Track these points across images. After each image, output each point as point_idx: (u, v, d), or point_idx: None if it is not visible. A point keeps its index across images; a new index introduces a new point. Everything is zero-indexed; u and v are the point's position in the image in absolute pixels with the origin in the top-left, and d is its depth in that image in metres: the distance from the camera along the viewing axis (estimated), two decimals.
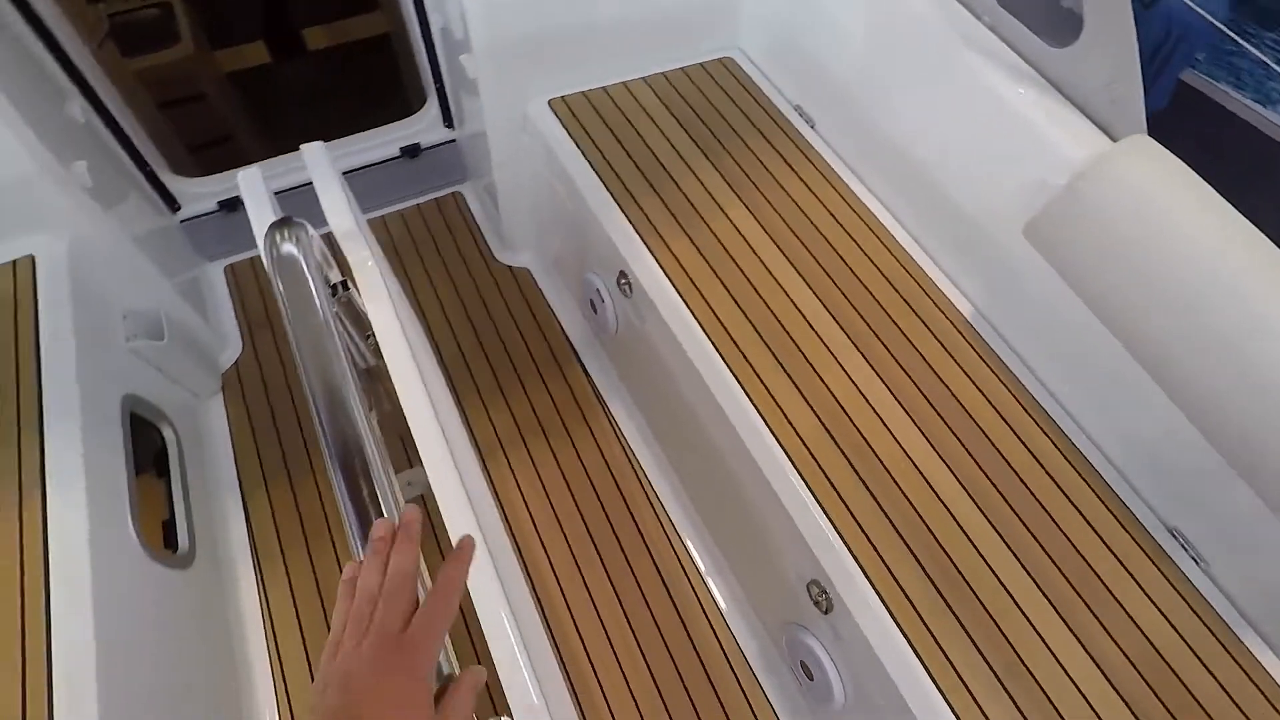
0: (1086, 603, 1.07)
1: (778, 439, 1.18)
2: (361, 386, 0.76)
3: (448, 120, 1.98)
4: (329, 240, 1.00)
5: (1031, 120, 1.20)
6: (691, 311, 1.31)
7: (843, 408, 1.22)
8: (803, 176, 1.52)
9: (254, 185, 1.02)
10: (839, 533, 1.10)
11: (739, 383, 1.24)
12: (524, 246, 1.99)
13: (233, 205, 1.91)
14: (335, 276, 0.93)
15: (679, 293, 1.33)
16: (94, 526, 1.12)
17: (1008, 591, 1.08)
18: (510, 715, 0.77)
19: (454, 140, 2.02)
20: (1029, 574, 1.09)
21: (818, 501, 1.13)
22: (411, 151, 1.97)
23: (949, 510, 1.13)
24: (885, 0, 1.42)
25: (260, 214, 1.01)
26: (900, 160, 1.43)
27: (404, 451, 1.06)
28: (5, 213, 1.34)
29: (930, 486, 1.15)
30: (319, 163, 1.08)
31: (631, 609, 1.52)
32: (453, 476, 0.90)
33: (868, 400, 1.23)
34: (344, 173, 1.21)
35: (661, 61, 1.70)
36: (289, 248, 0.78)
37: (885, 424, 1.21)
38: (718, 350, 1.27)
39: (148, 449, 1.52)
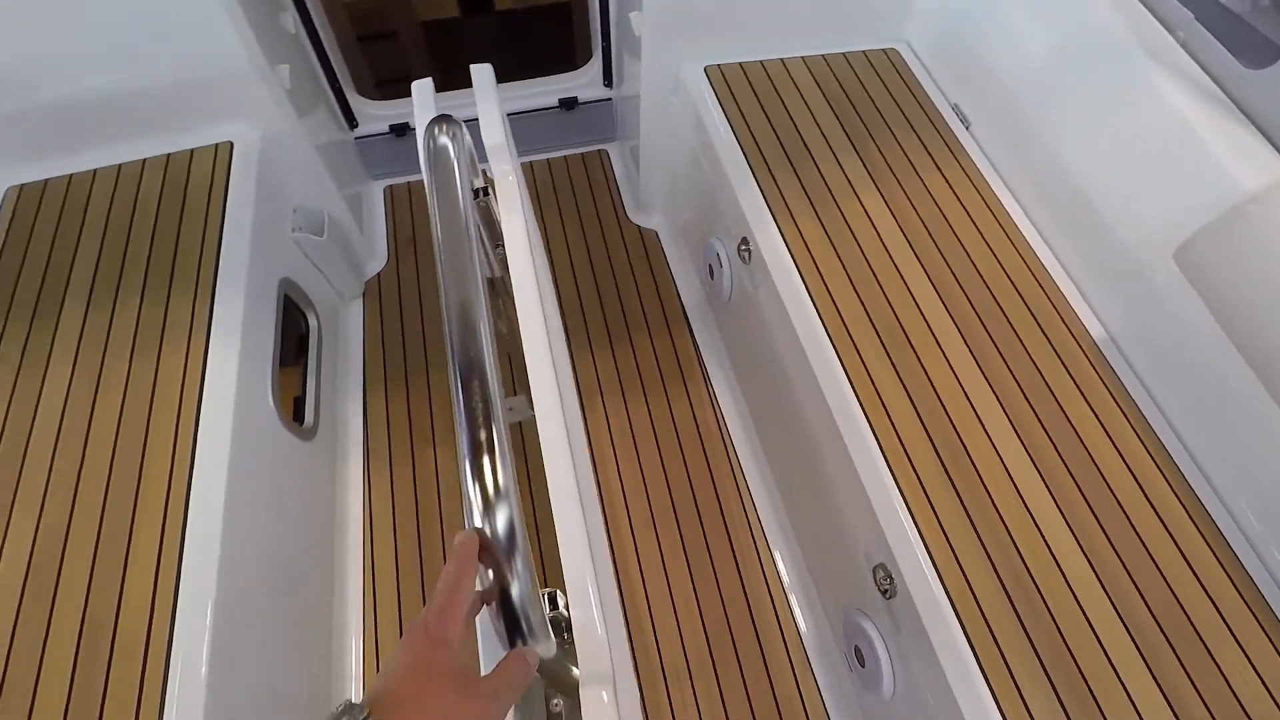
0: (1179, 656, 1.00)
1: (870, 422, 1.18)
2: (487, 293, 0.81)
3: (608, 79, 2.06)
4: (479, 149, 1.08)
5: (1209, 141, 1.13)
6: (805, 285, 1.32)
7: (943, 405, 1.20)
8: (946, 174, 1.49)
9: (424, 92, 1.12)
10: (915, 522, 1.09)
11: (840, 361, 1.24)
12: (656, 210, 2.05)
13: (401, 130, 2.07)
14: (479, 182, 1.00)
15: (797, 265, 1.35)
16: (241, 380, 1.27)
17: (1090, 625, 1.02)
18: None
19: (610, 99, 2.10)
20: (1118, 613, 1.03)
21: (899, 488, 1.12)
22: (569, 104, 2.07)
23: (1039, 528, 1.09)
24: (1071, 8, 1.37)
25: (424, 115, 1.11)
26: (1053, 168, 1.37)
27: (510, 375, 1.12)
28: (217, 100, 1.52)
29: (1023, 500, 1.11)
30: (484, 82, 1.17)
31: (697, 569, 1.56)
32: (558, 412, 0.95)
33: (971, 403, 1.20)
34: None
35: (824, 44, 1.70)
36: (444, 141, 0.86)
37: (986, 430, 1.18)
38: (825, 326, 1.28)
39: (292, 333, 1.69)
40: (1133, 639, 1.01)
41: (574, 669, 0.79)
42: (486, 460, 0.66)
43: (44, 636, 1.04)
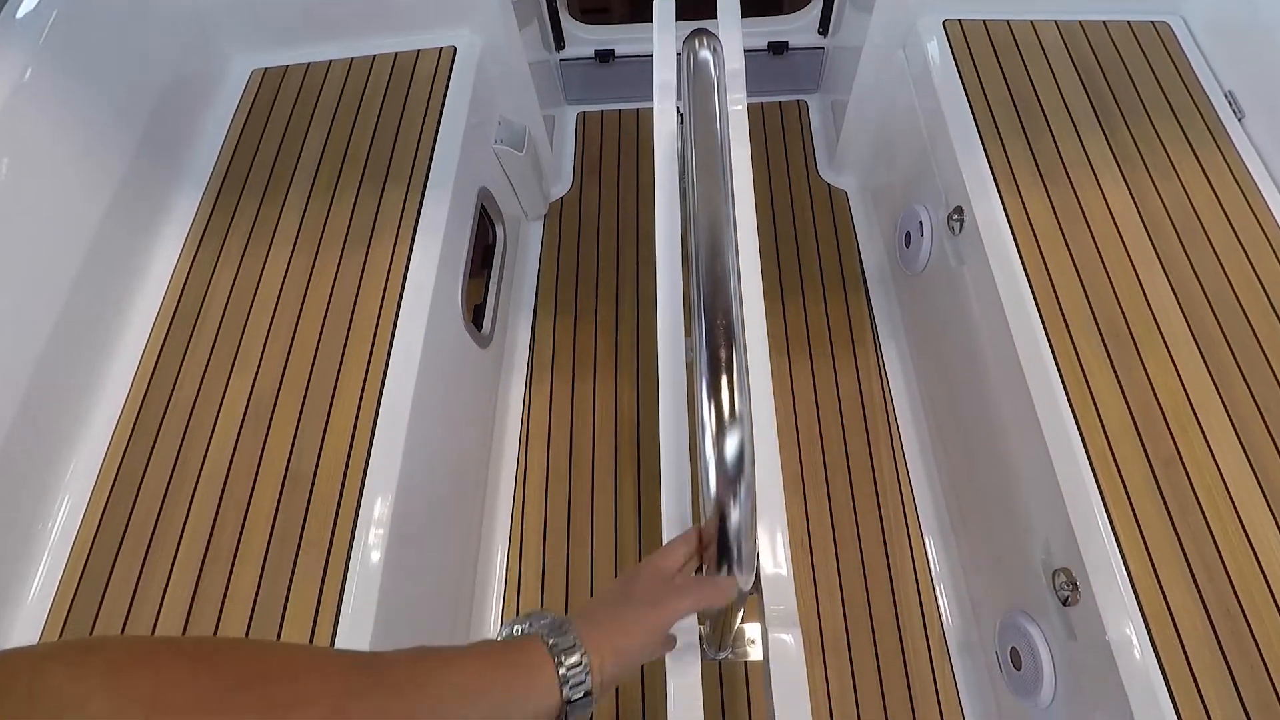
0: None
1: (1076, 418, 1.09)
2: None
3: (823, 26, 1.97)
4: None
5: None
6: (1023, 263, 1.23)
7: (1163, 413, 1.09)
8: (1206, 167, 1.32)
9: (666, 12, 1.10)
10: (1115, 530, 1.00)
11: (1052, 349, 1.15)
12: (850, 170, 1.96)
13: (605, 58, 2.08)
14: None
15: (1016, 242, 1.25)
16: (439, 278, 1.33)
17: None
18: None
19: (822, 48, 2.01)
20: None
21: (1100, 492, 1.03)
22: (778, 48, 2.00)
23: (1258, 560, 0.98)
24: None
25: (665, 34, 1.09)
26: None
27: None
28: (448, 4, 1.58)
29: (1242, 526, 1.00)
30: (728, 8, 1.14)
31: (843, 540, 1.52)
32: (763, 349, 0.93)
33: (1196, 416, 1.09)
34: None
35: (1083, 8, 1.55)
36: (705, 54, 0.84)
37: (1210, 446, 1.06)
38: (1039, 309, 1.18)
39: (479, 243, 1.76)
40: None
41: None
42: (725, 380, 0.65)
43: (252, 482, 1.14)
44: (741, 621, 0.87)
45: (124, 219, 1.34)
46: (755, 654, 0.84)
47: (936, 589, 1.45)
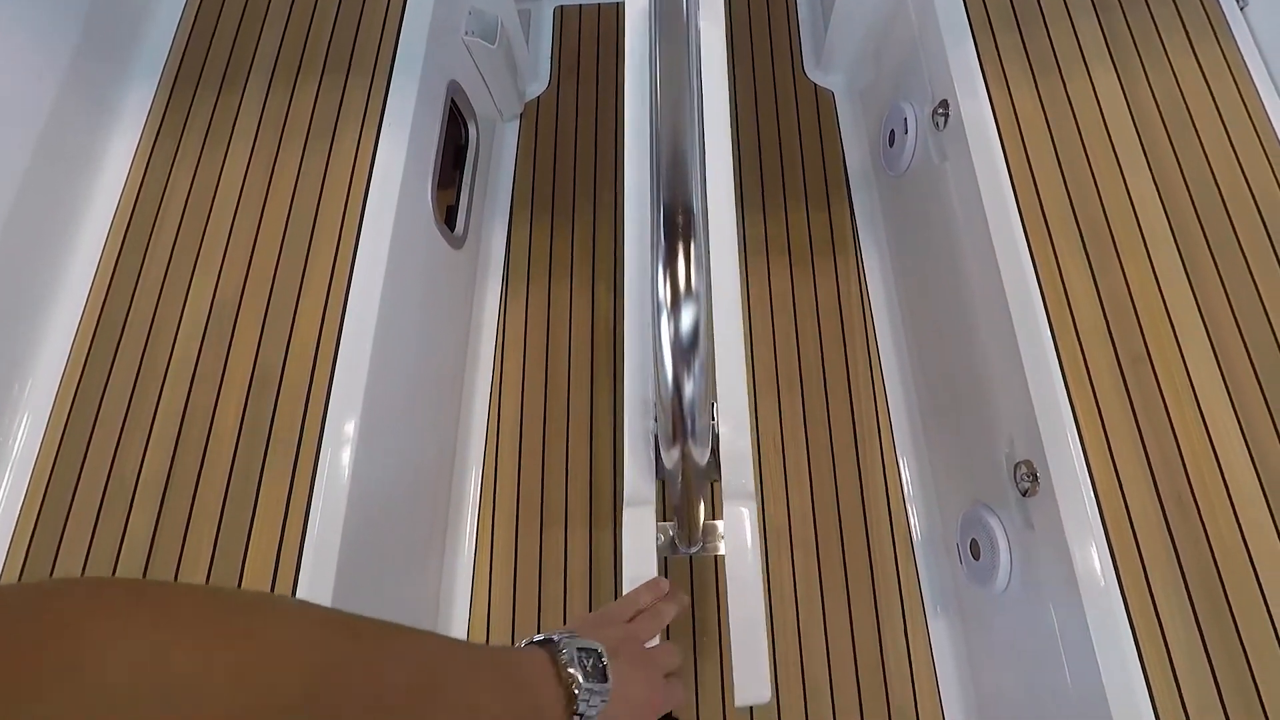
0: None
1: (1049, 314, 1.08)
2: None
3: None
4: None
5: None
6: (1006, 158, 1.19)
7: (1136, 312, 1.08)
8: (1201, 58, 1.27)
9: None
10: (1078, 422, 1.01)
11: (1029, 245, 1.13)
12: (838, 69, 1.88)
13: None
14: None
15: (1000, 136, 1.21)
16: (407, 172, 1.29)
17: (1262, 592, 0.93)
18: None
19: None
20: None
21: (1067, 386, 1.03)
22: None
23: (1218, 460, 0.99)
24: None
25: None
26: None
27: None
28: None
29: (1204, 423, 1.01)
30: None
31: (814, 441, 1.53)
32: (733, 267, 0.90)
33: (1170, 317, 1.08)
34: None
35: None
36: None
37: (1180, 347, 1.06)
38: (1019, 204, 1.16)
39: (450, 145, 1.69)
40: None
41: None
42: (681, 253, 0.63)
43: (219, 383, 1.13)
44: (714, 518, 0.88)
45: (72, 116, 1.28)
46: (725, 549, 0.86)
47: (905, 490, 1.48)
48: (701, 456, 0.69)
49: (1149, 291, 1.10)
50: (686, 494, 0.83)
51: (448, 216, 1.66)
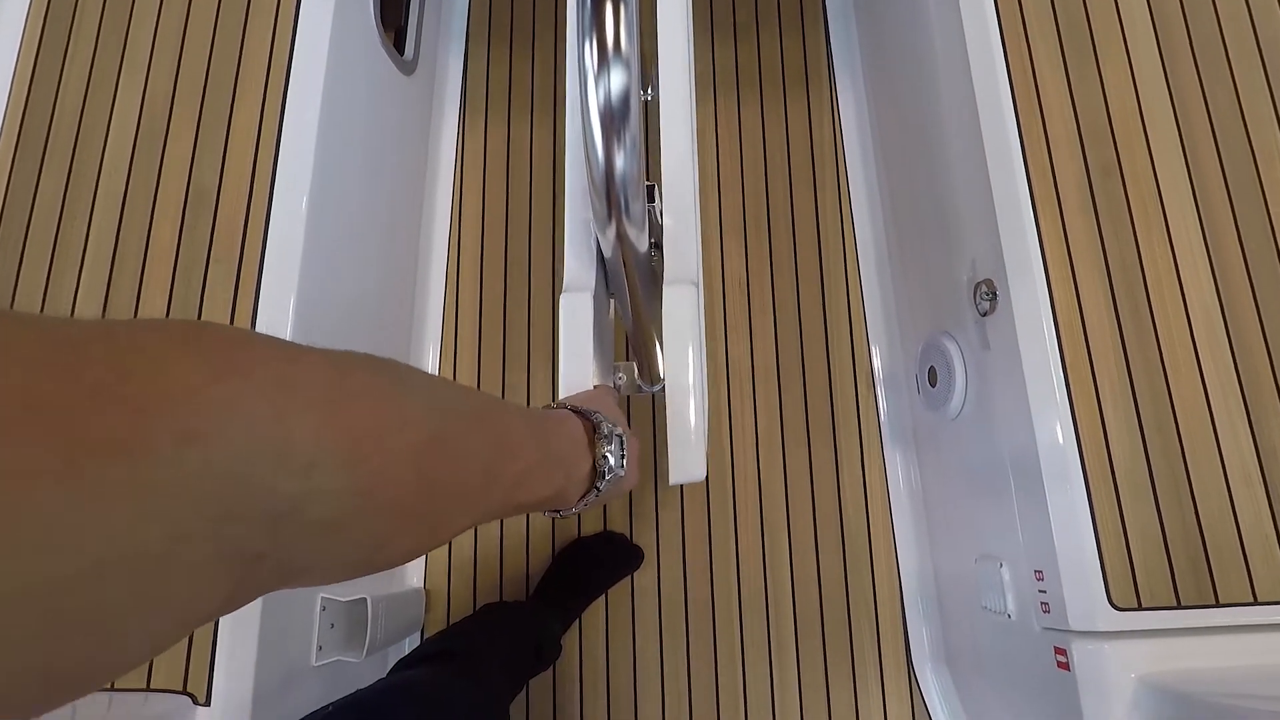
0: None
1: (1019, 124, 1.03)
2: None
3: None
4: None
5: None
6: None
7: (1110, 119, 1.03)
8: None
9: None
10: (1040, 235, 0.98)
11: (1005, 49, 1.06)
12: None
13: None
14: None
15: None
16: None
17: (1212, 417, 0.93)
18: None
19: None
20: (1236, 367, 0.94)
21: (1033, 198, 1.00)
22: None
23: (1177, 267, 0.97)
24: None
25: None
26: None
27: None
28: None
29: (1169, 236, 0.98)
30: None
31: (780, 283, 1.51)
32: (686, 96, 0.83)
33: (1145, 125, 1.03)
34: None
35: None
36: None
37: (1152, 156, 1.01)
38: (998, 10, 1.08)
39: None
40: (1247, 405, 0.93)
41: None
42: (610, 7, 0.57)
43: (152, 202, 1.07)
44: None
45: None
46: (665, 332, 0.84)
47: (869, 327, 1.47)
48: (640, 240, 0.66)
49: (1127, 99, 1.04)
50: (639, 325, 0.80)
51: (396, 39, 1.54)
